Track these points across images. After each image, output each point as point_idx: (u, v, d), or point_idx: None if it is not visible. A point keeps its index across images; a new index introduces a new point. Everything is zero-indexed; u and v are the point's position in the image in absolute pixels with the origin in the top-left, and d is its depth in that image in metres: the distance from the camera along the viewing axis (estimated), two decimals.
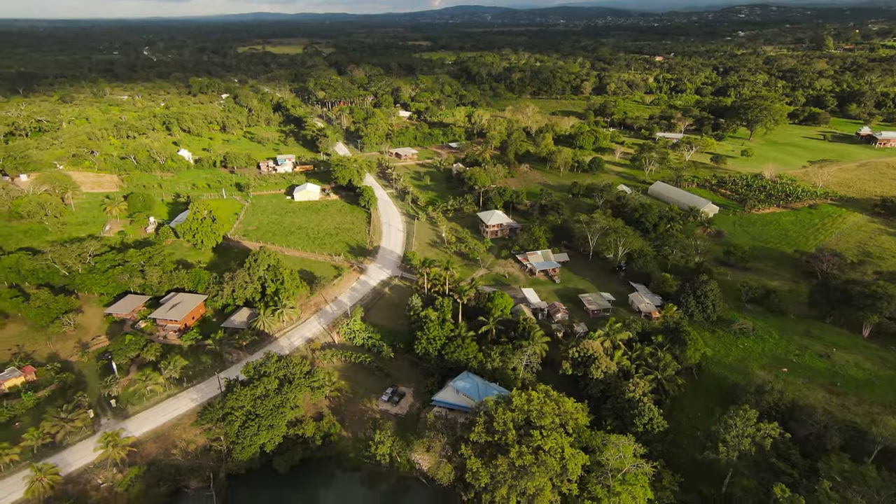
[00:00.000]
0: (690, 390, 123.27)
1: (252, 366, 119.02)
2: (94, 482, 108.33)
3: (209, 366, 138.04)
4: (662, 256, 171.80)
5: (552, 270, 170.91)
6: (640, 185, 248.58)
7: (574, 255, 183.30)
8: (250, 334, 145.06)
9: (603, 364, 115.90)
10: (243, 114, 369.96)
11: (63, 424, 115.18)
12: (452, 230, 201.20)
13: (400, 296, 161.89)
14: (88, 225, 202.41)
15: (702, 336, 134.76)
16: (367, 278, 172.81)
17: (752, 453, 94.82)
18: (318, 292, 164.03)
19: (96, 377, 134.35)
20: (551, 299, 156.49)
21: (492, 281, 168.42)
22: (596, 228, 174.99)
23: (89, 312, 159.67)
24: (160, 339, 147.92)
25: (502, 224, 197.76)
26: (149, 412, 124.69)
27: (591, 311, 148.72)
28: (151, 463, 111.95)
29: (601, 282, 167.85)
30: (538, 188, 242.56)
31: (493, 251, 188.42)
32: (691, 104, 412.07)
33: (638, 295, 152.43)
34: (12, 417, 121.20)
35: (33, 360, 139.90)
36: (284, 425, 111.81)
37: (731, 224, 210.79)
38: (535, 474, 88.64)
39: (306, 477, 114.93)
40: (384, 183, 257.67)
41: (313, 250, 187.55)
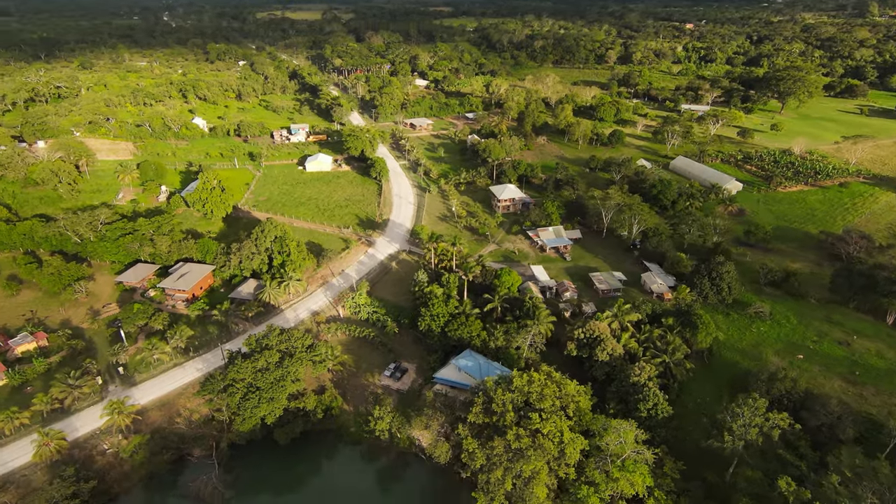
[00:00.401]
0: (700, 375, 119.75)
1: (254, 338, 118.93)
2: (100, 448, 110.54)
3: (215, 336, 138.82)
4: (679, 235, 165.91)
5: (563, 247, 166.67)
6: (661, 160, 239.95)
7: (587, 233, 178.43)
8: (256, 306, 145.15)
9: (609, 346, 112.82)
10: (259, 81, 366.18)
11: (71, 391, 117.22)
12: (463, 204, 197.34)
13: (407, 270, 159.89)
14: (102, 192, 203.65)
15: (715, 319, 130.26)
16: (375, 252, 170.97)
17: (758, 443, 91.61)
18: (325, 265, 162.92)
19: (106, 344, 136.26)
20: (561, 277, 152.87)
21: (501, 257, 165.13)
22: (610, 205, 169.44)
23: (101, 280, 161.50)
24: (169, 308, 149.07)
25: (514, 198, 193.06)
26: (155, 381, 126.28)
27: (601, 291, 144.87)
28: (155, 431, 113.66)
29: (614, 260, 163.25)
30: (554, 162, 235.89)
31: (504, 226, 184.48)
32: (721, 75, 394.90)
33: (651, 275, 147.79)
34: (24, 382, 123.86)
35: (46, 326, 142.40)
36: (285, 398, 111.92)
37: (755, 202, 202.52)
38: (532, 458, 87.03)
39: (307, 449, 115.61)
40: (397, 154, 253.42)
41: (322, 222, 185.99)
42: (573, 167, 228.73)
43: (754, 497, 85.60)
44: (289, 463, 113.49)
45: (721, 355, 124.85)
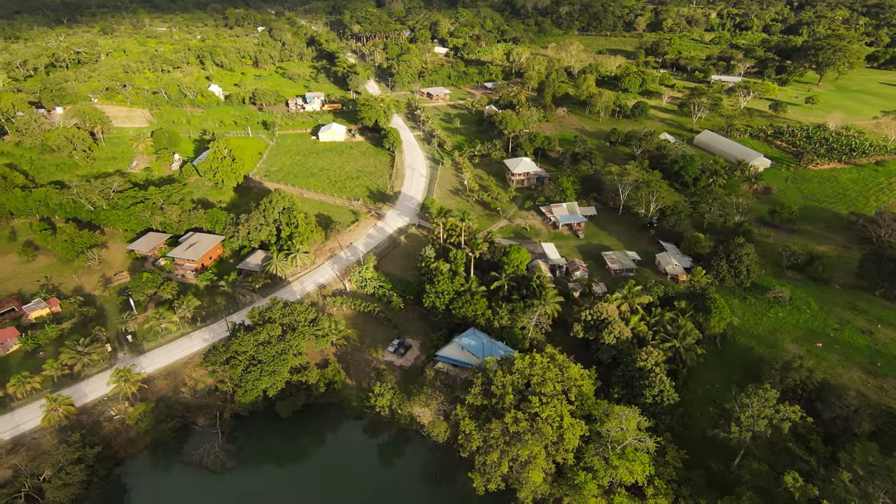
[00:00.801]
0: (711, 361, 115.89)
1: (258, 311, 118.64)
2: (107, 414, 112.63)
3: (222, 307, 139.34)
4: (698, 214, 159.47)
5: (577, 224, 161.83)
6: (686, 134, 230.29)
7: (603, 209, 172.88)
8: (263, 277, 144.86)
9: (616, 329, 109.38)
10: (276, 48, 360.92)
11: (80, 357, 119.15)
12: (477, 177, 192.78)
13: (415, 245, 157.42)
14: (117, 160, 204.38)
15: (730, 304, 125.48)
16: (385, 225, 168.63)
17: (767, 435, 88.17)
18: (334, 238, 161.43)
19: (116, 312, 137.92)
20: (572, 256, 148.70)
21: (512, 234, 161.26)
22: (628, 181, 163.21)
23: (114, 248, 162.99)
24: (178, 277, 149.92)
25: (529, 172, 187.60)
26: (162, 349, 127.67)
27: (613, 271, 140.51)
28: (161, 399, 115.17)
29: (629, 239, 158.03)
30: (573, 134, 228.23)
31: (517, 201, 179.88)
32: (756, 43, 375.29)
33: (666, 255, 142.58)
34: (37, 347, 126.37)
35: (59, 293, 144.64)
36: (287, 372, 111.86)
37: (783, 180, 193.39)
38: (528, 442, 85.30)
39: (309, 422, 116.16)
40: (412, 125, 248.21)
41: (333, 194, 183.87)
42: (592, 140, 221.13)
43: (759, 490, 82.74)
44: (291, 435, 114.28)
45: (735, 341, 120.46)
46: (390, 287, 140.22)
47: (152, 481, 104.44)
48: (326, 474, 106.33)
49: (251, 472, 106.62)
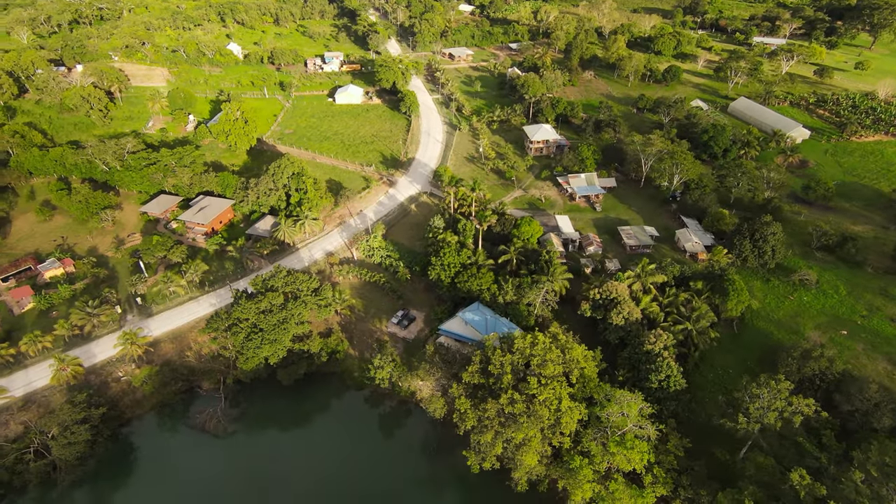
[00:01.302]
0: (726, 345, 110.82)
1: (261, 278, 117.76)
2: (115, 375, 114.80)
3: (230, 272, 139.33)
4: (725, 189, 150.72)
5: (595, 197, 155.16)
6: (720, 101, 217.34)
7: (624, 181, 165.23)
8: (271, 243, 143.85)
9: (625, 310, 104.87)
10: (297, 5, 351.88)
11: (89, 318, 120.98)
12: (494, 144, 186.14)
13: (426, 214, 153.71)
14: (134, 120, 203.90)
15: (751, 286, 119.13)
16: (396, 192, 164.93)
17: (776, 428, 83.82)
18: (344, 204, 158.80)
19: (127, 274, 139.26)
20: (587, 230, 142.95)
21: (526, 204, 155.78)
22: (651, 151, 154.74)
23: (128, 209, 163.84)
24: (189, 241, 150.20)
25: (548, 140, 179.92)
26: (170, 313, 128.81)
27: (629, 247, 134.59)
28: (166, 363, 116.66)
29: (649, 213, 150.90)
30: (599, 100, 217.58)
31: (534, 170, 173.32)
32: (805, 2, 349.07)
33: (686, 232, 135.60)
34: (50, 307, 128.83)
35: (74, 253, 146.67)
36: (288, 340, 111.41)
37: (822, 153, 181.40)
38: (524, 425, 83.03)
39: (311, 390, 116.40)
40: (431, 87, 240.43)
41: (345, 159, 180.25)
42: (619, 107, 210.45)
43: (763, 485, 79.15)
44: (292, 402, 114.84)
45: (753, 325, 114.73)
46: (398, 257, 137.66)
47: (156, 442, 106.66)
48: (325, 443, 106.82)
49: (251, 438, 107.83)
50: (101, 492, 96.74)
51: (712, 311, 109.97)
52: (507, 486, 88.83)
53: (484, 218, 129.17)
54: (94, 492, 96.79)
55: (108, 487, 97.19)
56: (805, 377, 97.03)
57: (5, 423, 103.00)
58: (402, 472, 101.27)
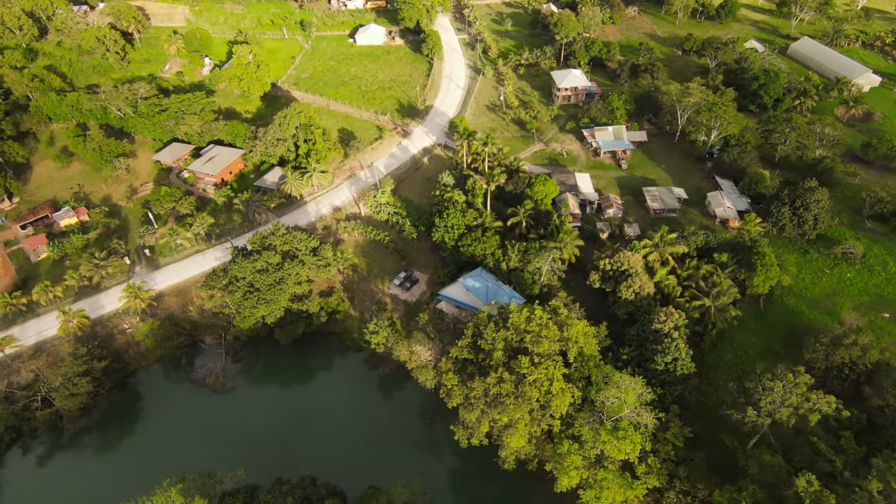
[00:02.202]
0: (749, 323, 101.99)
1: (259, 236, 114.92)
2: (120, 327, 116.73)
3: (237, 225, 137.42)
4: (770, 146, 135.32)
5: (622, 153, 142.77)
6: (779, 42, 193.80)
7: (657, 135, 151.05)
8: (278, 196, 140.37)
9: (636, 283, 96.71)
10: None
11: (97, 270, 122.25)
12: (518, 91, 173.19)
13: (438, 168, 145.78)
14: (151, 63, 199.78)
15: (784, 259, 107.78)
16: (410, 143, 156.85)
17: (789, 425, 76.45)
18: (354, 156, 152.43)
19: (138, 225, 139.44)
20: (609, 190, 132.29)
21: (546, 160, 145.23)
22: (688, 102, 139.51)
23: (143, 157, 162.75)
24: (199, 191, 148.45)
25: (577, 87, 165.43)
26: (176, 266, 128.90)
27: (653, 210, 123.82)
28: (169, 317, 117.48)
29: (680, 172, 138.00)
30: (640, 40, 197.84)
31: (559, 121, 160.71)
32: None
33: (719, 195, 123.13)
34: (63, 256, 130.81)
35: (89, 202, 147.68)
36: (285, 300, 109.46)
37: (893, 103, 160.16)
38: (510, 407, 78.67)
39: (310, 350, 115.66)
40: (459, 26, 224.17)
41: (360, 106, 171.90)
42: (662, 48, 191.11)
43: (765, 486, 72.92)
44: (292, 361, 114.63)
45: (782, 302, 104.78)
46: (405, 214, 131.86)
47: (158, 395, 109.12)
48: (321, 403, 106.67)
49: (249, 395, 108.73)
50: (103, 441, 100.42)
51: (736, 287, 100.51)
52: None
53: (492, 177, 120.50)
54: (97, 441, 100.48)
55: (109, 437, 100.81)
56: (833, 364, 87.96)
57: (17, 370, 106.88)
58: (396, 436, 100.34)
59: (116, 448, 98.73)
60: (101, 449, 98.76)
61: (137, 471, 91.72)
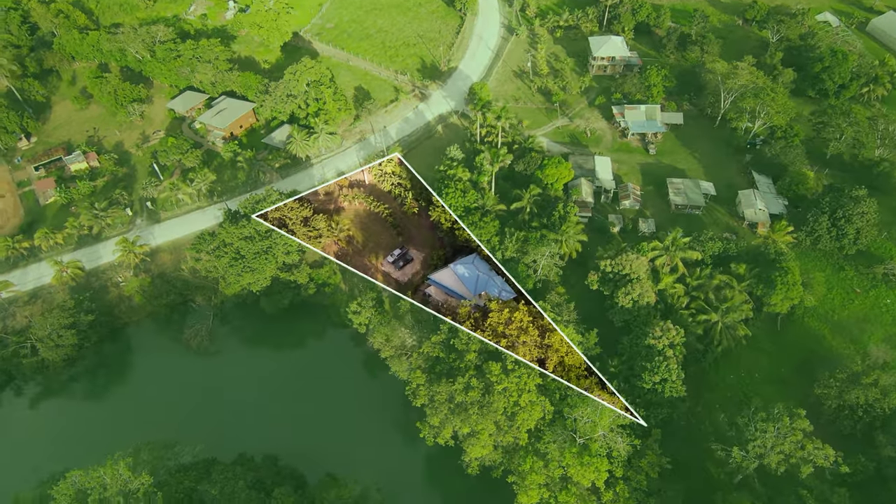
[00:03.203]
0: (760, 342, 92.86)
1: (251, 200, 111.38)
2: (114, 280, 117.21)
3: (241, 183, 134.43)
4: (822, 140, 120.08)
5: (652, 136, 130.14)
6: (859, 16, 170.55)
7: (696, 118, 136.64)
8: (283, 157, 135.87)
9: (636, 291, 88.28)
10: None
11: (97, 220, 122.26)
12: (552, 57, 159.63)
13: (451, 138, 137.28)
14: (177, 3, 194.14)
15: (814, 275, 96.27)
16: (426, 108, 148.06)
17: (777, 473, 68.88)
18: (366, 118, 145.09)
19: (145, 175, 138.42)
20: (630, 177, 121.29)
21: (567, 138, 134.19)
22: (734, 85, 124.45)
23: (158, 104, 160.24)
24: (209, 144, 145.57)
25: (615, 57, 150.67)
26: (175, 221, 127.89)
27: (675, 205, 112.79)
28: (161, 274, 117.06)
29: (714, 163, 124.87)
30: (696, 6, 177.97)
31: (590, 94, 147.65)
32: None
33: (751, 194, 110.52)
34: (70, 201, 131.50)
35: (101, 147, 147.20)
36: (272, 269, 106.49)
37: None
38: (472, 417, 73.91)
39: (297, 321, 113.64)
40: None
41: (381, 63, 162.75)
42: (721, 16, 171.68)
43: None
44: (277, 331, 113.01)
45: (803, 322, 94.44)
46: (408, 186, 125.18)
47: (142, 353, 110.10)
48: (300, 377, 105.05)
49: (230, 361, 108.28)
50: (82, 395, 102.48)
51: (752, 303, 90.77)
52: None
53: (497, 156, 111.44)
54: (76, 394, 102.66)
55: (88, 392, 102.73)
56: (845, 405, 78.75)
57: (12, 314, 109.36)
58: (370, 420, 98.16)
59: (92, 404, 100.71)
60: (78, 404, 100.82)
61: (107, 429, 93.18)
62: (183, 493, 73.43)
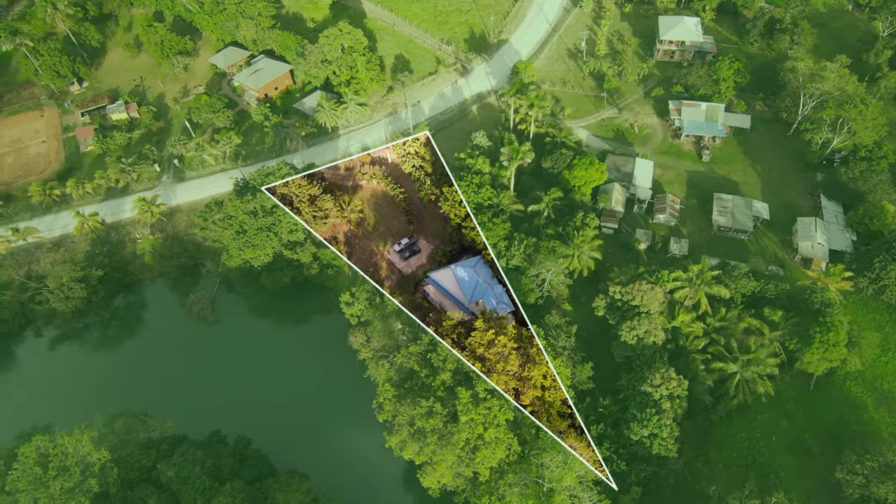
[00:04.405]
0: (786, 401, 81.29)
1: (262, 171, 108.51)
2: (132, 236, 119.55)
3: (266, 149, 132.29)
4: None
5: (709, 139, 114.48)
6: None
7: (768, 122, 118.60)
8: (310, 125, 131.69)
9: (642, 327, 78.19)
10: None
11: (124, 174, 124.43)
12: (614, 35, 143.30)
13: (484, 122, 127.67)
14: None
15: (866, 334, 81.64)
16: (465, 84, 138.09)
17: None
18: (400, 91, 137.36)
19: (178, 131, 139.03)
20: (673, 187, 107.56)
21: (611, 132, 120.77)
22: (815, 91, 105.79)
23: (204, 58, 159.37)
24: (244, 104, 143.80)
25: (685, 42, 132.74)
26: (198, 182, 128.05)
27: (718, 226, 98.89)
28: (175, 236, 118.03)
29: (777, 180, 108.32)
30: None
31: (648, 83, 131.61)
32: None
33: (811, 223, 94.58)
34: (105, 151, 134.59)
35: (144, 98, 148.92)
36: (273, 247, 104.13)
37: None
38: (429, 447, 68.81)
39: (299, 300, 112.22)
40: None
41: (427, 30, 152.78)
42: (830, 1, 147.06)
43: None
44: (277, 308, 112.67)
45: (843, 387, 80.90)
46: (430, 171, 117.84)
47: (146, 312, 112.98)
48: (291, 359, 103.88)
49: (226, 332, 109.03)
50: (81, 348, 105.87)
51: (782, 356, 78.51)
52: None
53: (515, 153, 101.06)
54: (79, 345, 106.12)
55: (87, 347, 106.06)
56: (870, 495, 66.91)
57: (36, 260, 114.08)
58: (351, 416, 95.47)
59: (91, 357, 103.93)
60: (78, 356, 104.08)
61: (99, 386, 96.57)
62: (140, 471, 74.24)
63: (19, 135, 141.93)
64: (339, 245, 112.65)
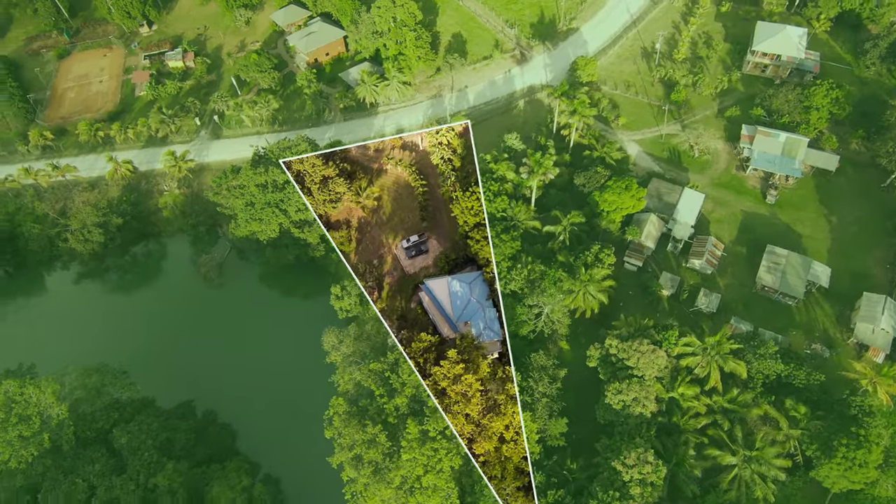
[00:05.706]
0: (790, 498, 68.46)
1: (280, 144, 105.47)
2: (160, 188, 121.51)
3: (305, 117, 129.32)
4: None
5: (782, 178, 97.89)
6: None
7: (858, 167, 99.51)
8: (349, 98, 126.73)
9: (632, 393, 68.14)
10: None
11: (163, 125, 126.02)
12: (702, 37, 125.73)
13: (528, 120, 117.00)
14: None
15: None
16: (519, 74, 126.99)
17: None
18: (447, 73, 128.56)
19: (227, 86, 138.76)
20: (721, 229, 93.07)
21: (666, 152, 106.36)
22: None
23: (268, 12, 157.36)
24: (294, 66, 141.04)
25: (781, 56, 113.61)
26: (233, 141, 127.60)
27: (762, 285, 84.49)
28: (196, 194, 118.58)
29: (854, 239, 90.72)
30: None
31: (726, 99, 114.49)
32: None
33: (879, 301, 78.00)
34: (156, 97, 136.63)
35: (203, 48, 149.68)
36: (279, 222, 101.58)
37: None
38: (362, 478, 64.12)
39: (304, 279, 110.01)
40: None
41: (493, 9, 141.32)
42: None
43: None
44: (281, 284, 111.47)
45: (864, 496, 67.30)
46: (458, 165, 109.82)
47: (162, 264, 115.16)
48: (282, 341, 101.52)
49: (228, 298, 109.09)
50: (93, 289, 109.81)
51: (798, 456, 66.20)
52: None
53: (538, 165, 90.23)
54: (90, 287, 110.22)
55: (100, 287, 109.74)
56: None
57: (71, 198, 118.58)
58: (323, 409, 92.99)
59: (96, 301, 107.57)
60: (86, 297, 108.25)
61: (95, 332, 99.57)
62: (97, 431, 75.39)
63: (86, 71, 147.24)
64: (351, 230, 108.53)
